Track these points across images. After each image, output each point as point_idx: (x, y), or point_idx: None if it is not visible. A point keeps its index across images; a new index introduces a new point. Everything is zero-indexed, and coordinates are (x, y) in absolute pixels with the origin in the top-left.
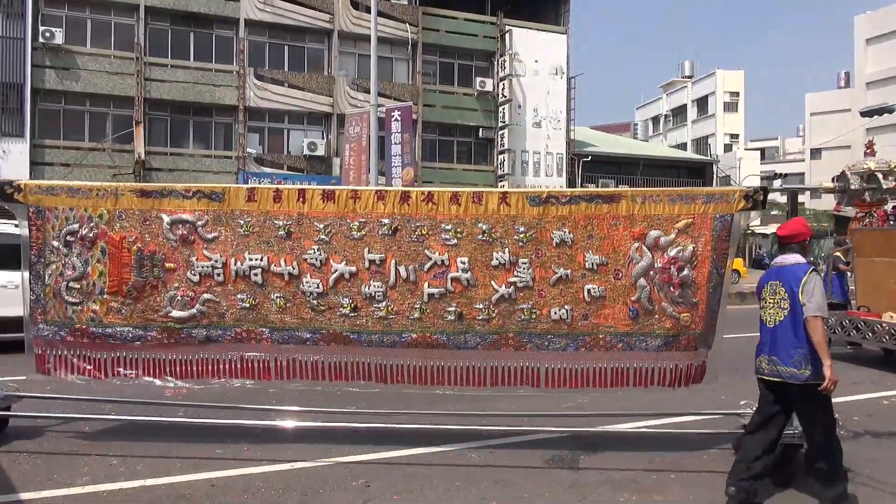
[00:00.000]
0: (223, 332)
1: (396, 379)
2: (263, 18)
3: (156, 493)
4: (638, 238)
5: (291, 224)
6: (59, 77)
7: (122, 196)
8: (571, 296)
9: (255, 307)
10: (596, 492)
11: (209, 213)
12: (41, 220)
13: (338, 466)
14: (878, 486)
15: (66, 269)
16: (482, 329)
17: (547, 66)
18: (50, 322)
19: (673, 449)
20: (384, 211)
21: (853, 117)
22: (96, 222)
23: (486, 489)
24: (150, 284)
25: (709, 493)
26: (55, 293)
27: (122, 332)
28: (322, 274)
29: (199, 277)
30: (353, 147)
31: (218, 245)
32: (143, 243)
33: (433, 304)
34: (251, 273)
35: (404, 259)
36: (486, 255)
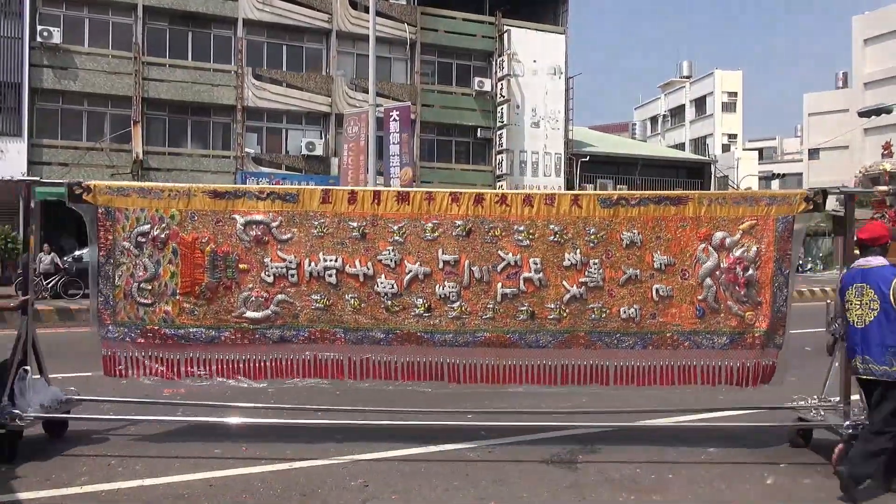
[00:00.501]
0: (297, 332)
1: (469, 378)
2: (262, 18)
3: (154, 492)
4: (704, 239)
5: (366, 225)
6: (57, 76)
7: (194, 197)
8: (640, 295)
9: (329, 308)
10: (595, 491)
11: (283, 215)
12: (110, 221)
13: (336, 466)
14: (875, 485)
15: (136, 270)
16: (553, 328)
17: (545, 66)
18: (120, 323)
19: (671, 448)
20: (458, 212)
21: (851, 117)
22: (168, 223)
23: (484, 489)
24: (224, 285)
25: (708, 492)
26: (125, 294)
27: (194, 333)
28: (396, 275)
29: (274, 278)
30: (352, 147)
31: (292, 246)
32: (216, 244)
33: (506, 303)
34: (326, 274)
35: (478, 260)
36: (558, 255)
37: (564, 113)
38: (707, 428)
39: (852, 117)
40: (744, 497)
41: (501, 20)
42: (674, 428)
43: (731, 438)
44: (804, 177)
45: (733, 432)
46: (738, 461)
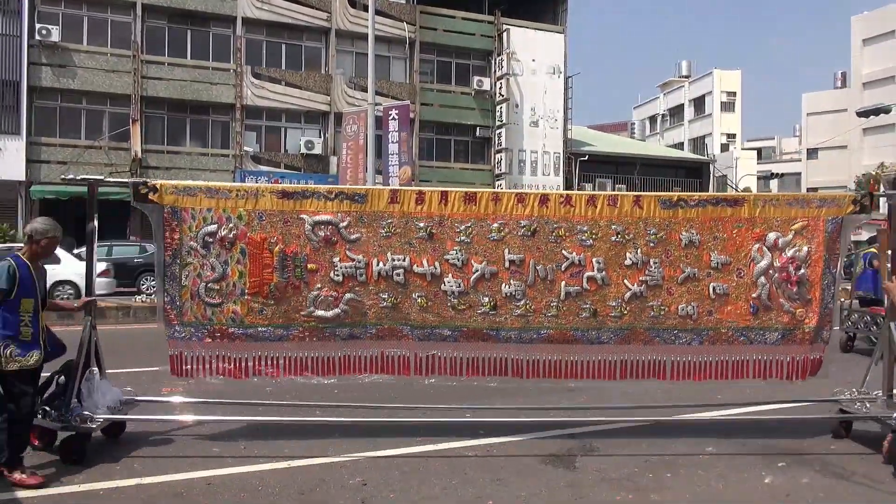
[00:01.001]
0: (365, 329)
1: (532, 373)
2: (261, 17)
3: (152, 491)
4: (758, 239)
5: (433, 225)
6: (56, 75)
7: (262, 197)
8: (698, 293)
9: (397, 306)
10: (593, 490)
11: (351, 215)
12: (176, 220)
13: (335, 465)
14: (873, 484)
15: (204, 270)
16: (614, 325)
17: (544, 65)
18: (186, 324)
19: (669, 448)
20: (524, 213)
21: (849, 117)
22: (235, 223)
23: (482, 488)
24: (292, 285)
25: (707, 492)
26: (192, 294)
27: (263, 332)
28: (463, 274)
29: (343, 278)
30: (351, 146)
31: (360, 246)
32: (285, 244)
33: (569, 301)
34: (394, 273)
35: (542, 259)
36: (620, 255)
37: (563, 112)
38: (756, 421)
39: (851, 117)
40: (742, 496)
41: (500, 19)
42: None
43: (730, 437)
44: (802, 176)
45: (780, 425)
46: (737, 461)
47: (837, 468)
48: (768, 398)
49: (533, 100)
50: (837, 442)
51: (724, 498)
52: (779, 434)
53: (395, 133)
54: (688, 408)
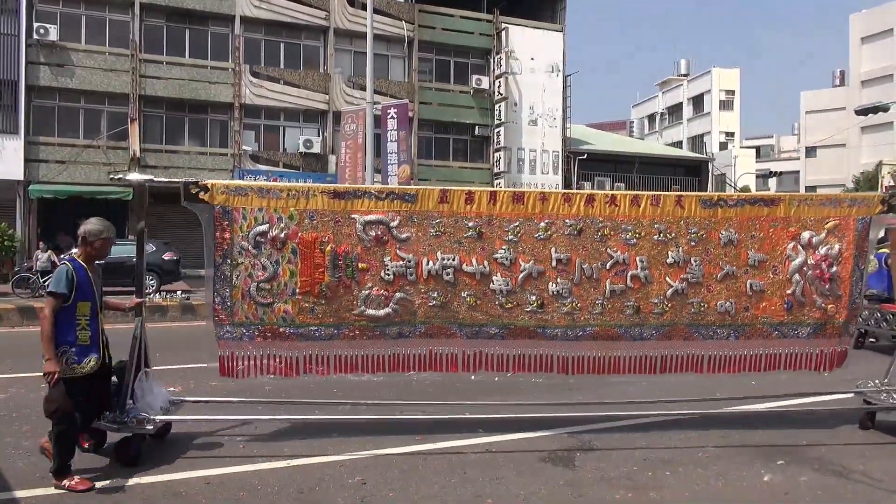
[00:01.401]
0: (414, 328)
1: (577, 370)
2: (259, 15)
3: (151, 490)
4: (793, 238)
5: (482, 225)
6: (54, 74)
7: (313, 197)
8: (735, 290)
9: (446, 304)
10: (592, 489)
11: (401, 214)
12: (227, 220)
13: (334, 463)
14: (872, 482)
15: (255, 269)
16: (656, 322)
17: (543, 63)
18: (237, 324)
19: (669, 446)
20: (570, 212)
21: (848, 115)
22: (286, 223)
23: (481, 486)
24: (344, 284)
25: (705, 490)
26: (244, 294)
27: (314, 331)
28: (511, 273)
29: (393, 277)
30: (349, 145)
31: (411, 245)
32: (336, 244)
33: (614, 299)
34: (443, 272)
35: (588, 258)
36: (662, 253)
37: (562, 111)
38: (780, 414)
39: (849, 115)
40: (741, 495)
41: (499, 18)
42: (675, 422)
43: (729, 435)
44: (801, 175)
45: (805, 417)
46: (736, 459)
47: (836, 467)
48: (792, 391)
49: (532, 98)
50: (836, 440)
51: (723, 496)
52: (778, 432)
53: (393, 132)
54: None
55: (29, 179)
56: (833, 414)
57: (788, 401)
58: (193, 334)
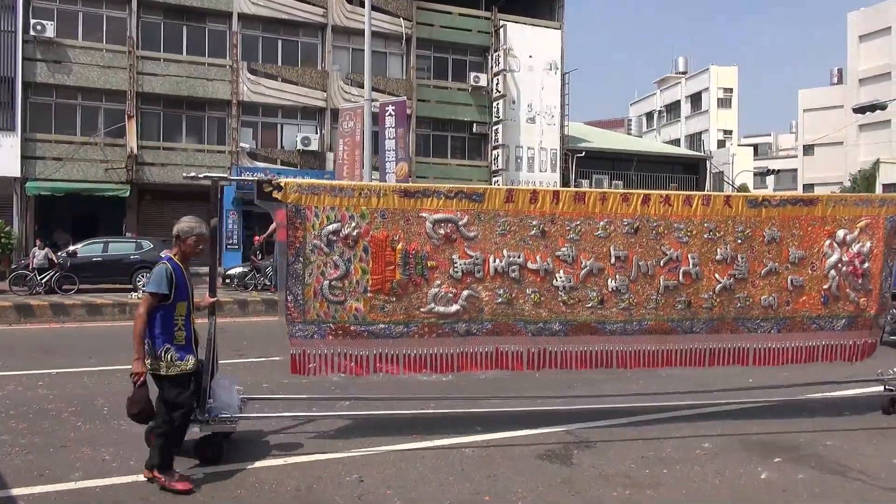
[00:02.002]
0: (481, 325)
1: (633, 363)
2: (257, 12)
3: (149, 488)
4: (829, 236)
5: (545, 223)
6: (51, 70)
7: (384, 196)
8: (777, 285)
9: (511, 301)
10: (589, 486)
11: (469, 213)
12: (300, 219)
13: (331, 461)
14: (869, 480)
15: (327, 268)
16: (706, 316)
17: (541, 61)
18: (309, 322)
19: (666, 444)
20: (627, 212)
21: (846, 114)
22: (358, 222)
23: (478, 484)
24: (413, 282)
25: (702, 488)
26: (316, 292)
27: (384, 329)
28: (573, 270)
29: (461, 274)
30: (347, 142)
31: (478, 243)
32: (407, 242)
33: (667, 295)
34: (509, 269)
35: (644, 255)
36: (712, 250)
37: (560, 108)
38: (804, 402)
39: (847, 113)
40: (738, 492)
41: (497, 15)
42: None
43: (727, 433)
44: (799, 173)
45: (829, 404)
46: (733, 457)
47: (834, 464)
48: (813, 380)
49: (530, 96)
50: (834, 438)
51: (721, 494)
52: (775, 430)
53: (391, 129)
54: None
55: (26, 176)
56: (856, 401)
57: (811, 394)
58: None
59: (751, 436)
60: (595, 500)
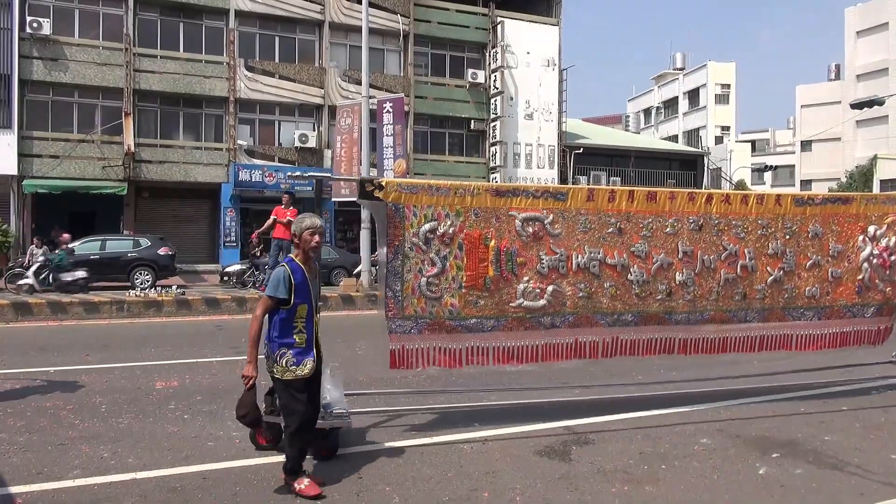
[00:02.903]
0: (563, 318)
1: (693, 350)
2: (254, 9)
3: (147, 486)
4: (862, 231)
5: (622, 221)
6: (47, 68)
7: (477, 195)
8: (819, 277)
9: (591, 295)
10: (587, 482)
11: (554, 212)
12: (399, 217)
13: (330, 457)
14: (866, 475)
15: (424, 265)
16: (758, 306)
17: (539, 57)
18: (407, 317)
19: (664, 440)
20: (693, 210)
21: (843, 109)
22: (453, 220)
23: (477, 480)
24: (504, 278)
25: (700, 483)
26: (414, 289)
27: (477, 324)
28: (645, 264)
29: (547, 270)
30: (345, 139)
31: (562, 240)
32: (498, 239)
33: (727, 287)
34: (590, 265)
35: (707, 250)
36: (765, 245)
37: (558, 105)
38: (826, 384)
39: (844, 109)
40: (736, 488)
41: (495, 11)
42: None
43: (725, 429)
44: (796, 169)
45: (848, 384)
46: (731, 452)
47: (831, 459)
48: (828, 363)
49: (527, 92)
50: (831, 434)
51: (719, 489)
52: (773, 426)
53: (389, 126)
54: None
55: (23, 174)
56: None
57: (829, 377)
58: (190, 329)
59: (748, 432)
60: (593, 496)
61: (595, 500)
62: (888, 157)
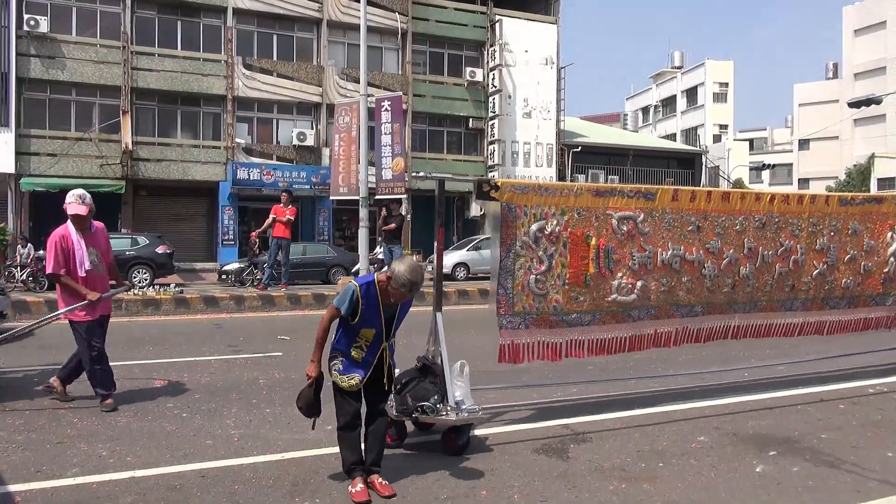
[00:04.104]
0: (647, 311)
1: (743, 335)
2: (252, 7)
3: (146, 484)
4: (891, 228)
5: (699, 219)
6: (45, 66)
7: (580, 195)
8: (854, 270)
9: (671, 289)
10: (585, 480)
11: (644, 211)
12: (512, 216)
13: (329, 456)
14: (863, 473)
15: (533, 262)
16: (804, 297)
17: (537, 55)
18: (516, 314)
19: (661, 438)
20: (758, 209)
21: (841, 108)
22: (559, 219)
23: (475, 478)
24: (602, 274)
25: (698, 481)
26: (523, 286)
27: (576, 318)
28: (716, 259)
29: (638, 266)
30: (343, 137)
31: (650, 238)
32: (598, 237)
33: (780, 279)
34: (672, 261)
35: (766, 246)
36: (813, 241)
37: (556, 103)
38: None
39: (842, 108)
40: (733, 485)
41: (493, 10)
42: (666, 414)
43: (722, 427)
44: (794, 167)
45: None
46: (729, 451)
47: (828, 457)
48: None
49: (526, 91)
50: (828, 432)
51: (716, 487)
52: (770, 423)
53: (387, 124)
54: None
55: (20, 173)
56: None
57: (827, 373)
58: (188, 328)
59: (746, 430)
60: (591, 494)
61: (593, 498)
62: (886, 155)
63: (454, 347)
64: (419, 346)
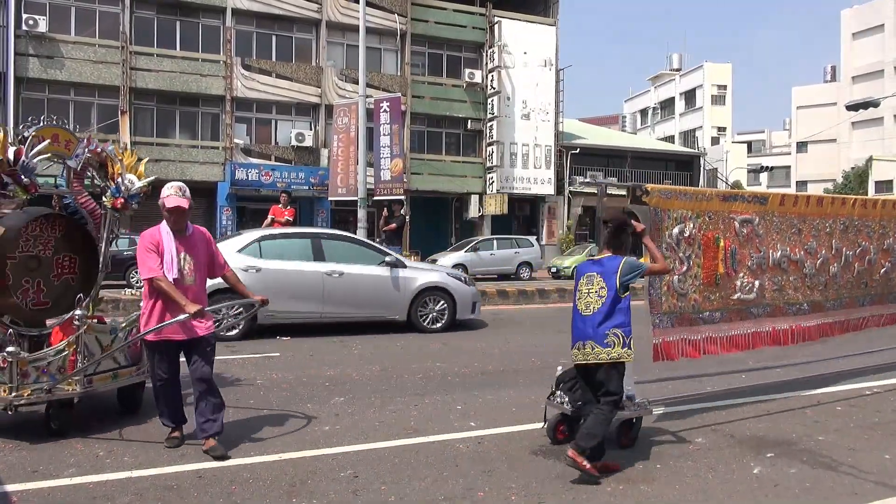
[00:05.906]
0: (763, 309)
1: (830, 332)
2: (251, 7)
3: (143, 484)
4: None
5: (800, 222)
6: (43, 65)
7: (710, 200)
8: None
9: (782, 288)
10: (583, 481)
11: (759, 214)
12: (658, 220)
13: (326, 457)
14: (860, 475)
15: (676, 264)
16: (873, 292)
17: (536, 57)
18: (664, 313)
19: (658, 439)
20: (843, 212)
21: (839, 111)
22: (695, 222)
23: (473, 479)
24: (728, 274)
25: (694, 482)
26: (668, 287)
27: (709, 316)
28: (813, 260)
29: (755, 266)
30: (342, 138)
31: (764, 240)
32: (725, 239)
33: (857, 277)
34: (781, 261)
35: (848, 247)
36: (882, 242)
37: (555, 105)
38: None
39: (840, 111)
40: (731, 487)
41: (492, 11)
42: (663, 415)
43: (719, 428)
44: (792, 170)
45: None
46: (726, 452)
47: (825, 459)
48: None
49: (524, 92)
50: (826, 434)
51: (713, 488)
52: (767, 425)
53: (386, 125)
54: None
55: None
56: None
57: (824, 374)
58: None
59: (743, 432)
60: (589, 495)
61: (591, 499)
62: (883, 158)
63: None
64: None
